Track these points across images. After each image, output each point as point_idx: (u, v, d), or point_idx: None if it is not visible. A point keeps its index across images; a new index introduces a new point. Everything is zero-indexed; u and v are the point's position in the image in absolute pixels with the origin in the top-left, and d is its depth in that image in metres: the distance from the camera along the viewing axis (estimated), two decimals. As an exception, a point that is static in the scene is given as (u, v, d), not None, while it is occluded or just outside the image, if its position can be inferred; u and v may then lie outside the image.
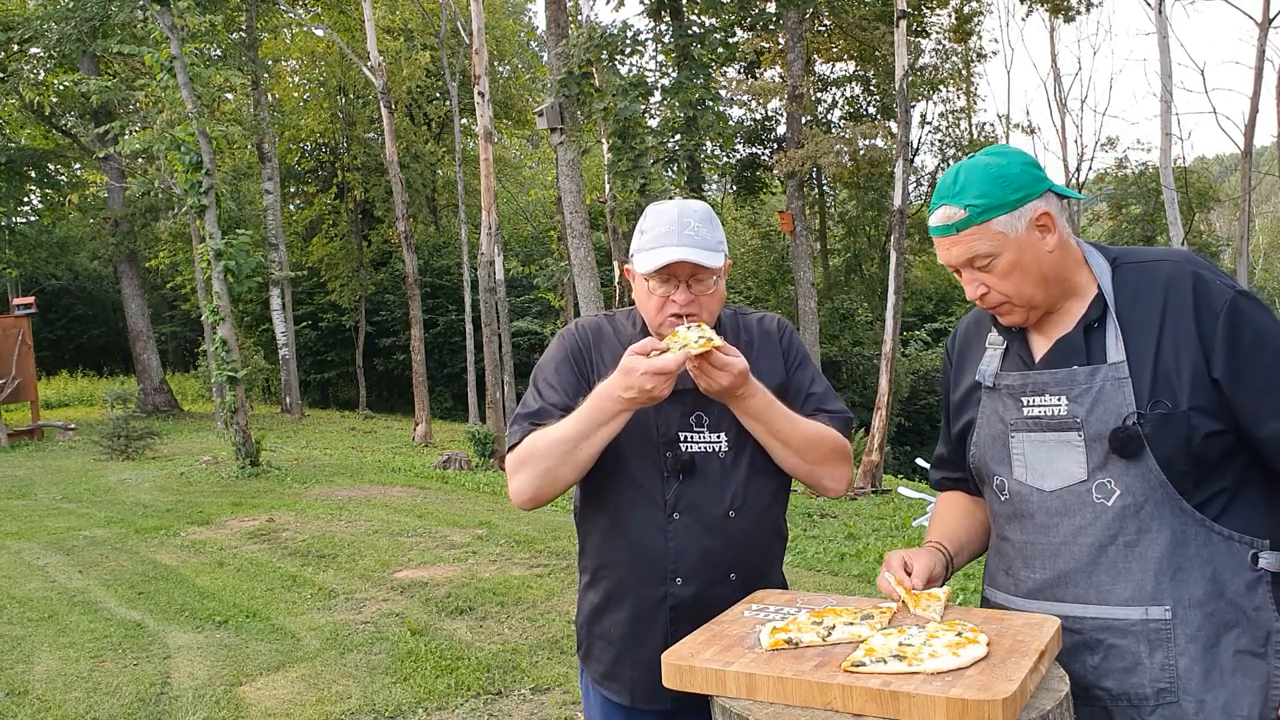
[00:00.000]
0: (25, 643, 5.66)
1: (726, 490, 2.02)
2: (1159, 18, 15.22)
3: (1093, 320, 1.78)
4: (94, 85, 15.64)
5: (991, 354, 1.91)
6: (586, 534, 2.15)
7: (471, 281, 20.89)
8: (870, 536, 8.48)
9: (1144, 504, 1.71)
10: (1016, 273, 1.75)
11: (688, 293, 1.99)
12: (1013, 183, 1.74)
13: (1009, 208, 1.73)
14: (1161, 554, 1.71)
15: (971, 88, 26.92)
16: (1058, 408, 1.77)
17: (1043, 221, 1.75)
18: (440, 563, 7.22)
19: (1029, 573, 1.84)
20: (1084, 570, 1.76)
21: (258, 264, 12.79)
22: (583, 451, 1.93)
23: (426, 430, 17.83)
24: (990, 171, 1.75)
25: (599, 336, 2.13)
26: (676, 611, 2.00)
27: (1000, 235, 1.74)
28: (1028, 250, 1.75)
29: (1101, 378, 1.74)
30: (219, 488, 11.39)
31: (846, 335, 24.64)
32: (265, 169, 23.07)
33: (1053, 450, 1.78)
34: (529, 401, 2.09)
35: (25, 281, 28.70)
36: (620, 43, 12.72)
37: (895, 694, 1.43)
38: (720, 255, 2.01)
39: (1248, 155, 18.04)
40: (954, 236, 1.77)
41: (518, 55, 31.53)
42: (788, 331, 2.21)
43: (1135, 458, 1.70)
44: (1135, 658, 1.72)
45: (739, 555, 2.03)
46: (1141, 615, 1.72)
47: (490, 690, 4.66)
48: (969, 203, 1.74)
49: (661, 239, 1.98)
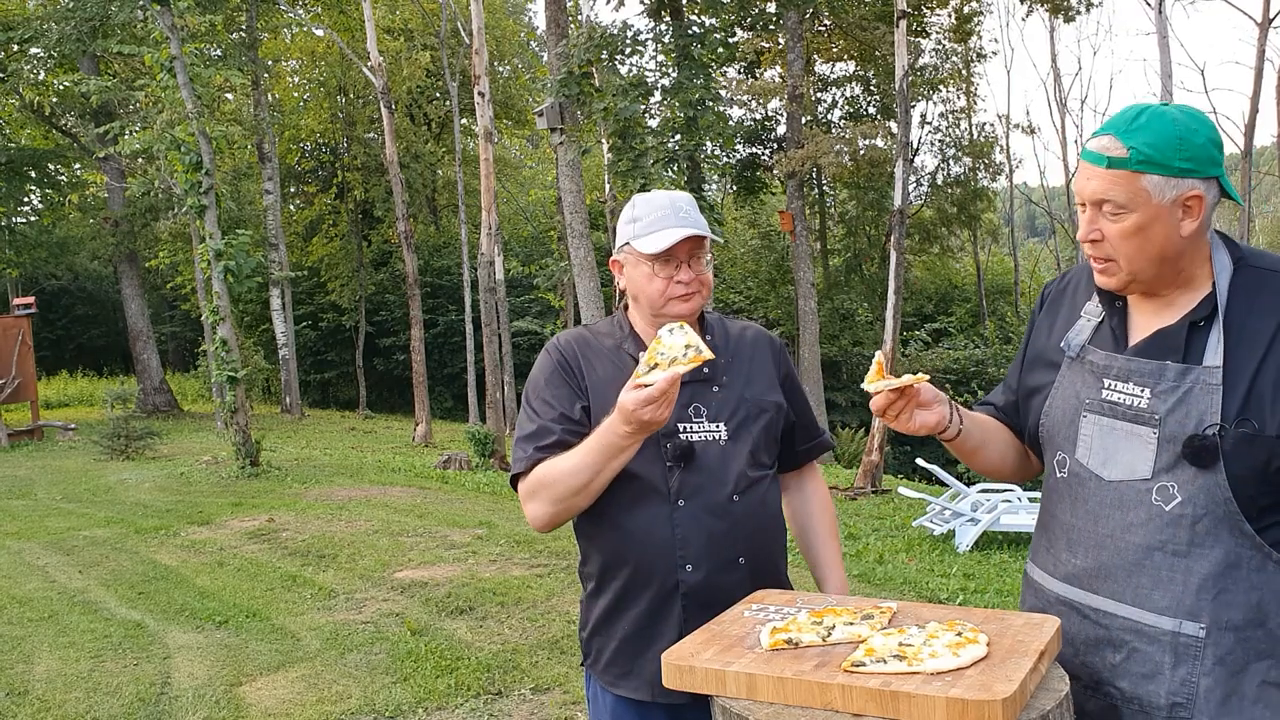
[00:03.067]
0: (25, 643, 5.67)
1: (728, 475, 2.05)
2: (1159, 18, 15.23)
3: (1199, 319, 1.67)
4: (94, 85, 15.65)
5: (1084, 324, 1.82)
6: (590, 538, 2.15)
7: (471, 281, 20.89)
8: (870, 536, 8.49)
9: (1203, 517, 1.63)
10: (1138, 238, 1.64)
11: (689, 271, 2.07)
12: (1189, 151, 1.61)
13: (1170, 173, 1.61)
14: (1209, 571, 1.64)
15: (971, 88, 26.91)
16: (1139, 399, 1.69)
17: (1190, 203, 1.63)
18: (440, 563, 7.22)
19: (1070, 557, 1.78)
20: (1126, 568, 1.70)
21: (258, 264, 12.79)
22: (596, 484, 1.97)
23: (426, 430, 17.84)
24: (1173, 128, 1.62)
25: (584, 345, 2.16)
26: (689, 599, 2.02)
27: (1144, 193, 1.61)
28: (1161, 223, 1.63)
29: (1192, 379, 1.65)
30: (219, 488, 11.39)
31: (846, 335, 24.64)
32: (265, 169, 23.07)
33: (1121, 440, 1.71)
34: (525, 423, 2.11)
35: (25, 281, 28.72)
36: (620, 43, 12.73)
37: (895, 694, 1.43)
38: (711, 232, 2.12)
39: (1248, 155, 18.05)
40: (1101, 169, 1.64)
41: (518, 55, 31.52)
42: (780, 349, 2.27)
43: (1207, 468, 1.61)
44: (1157, 666, 1.67)
45: (745, 538, 2.06)
46: (1174, 627, 1.66)
47: (490, 690, 4.65)
48: (1135, 145, 1.61)
49: (659, 222, 2.06)
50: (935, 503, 8.77)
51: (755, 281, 26.23)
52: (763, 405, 2.13)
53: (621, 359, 2.12)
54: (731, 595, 1.91)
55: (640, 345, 2.13)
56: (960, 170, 26.18)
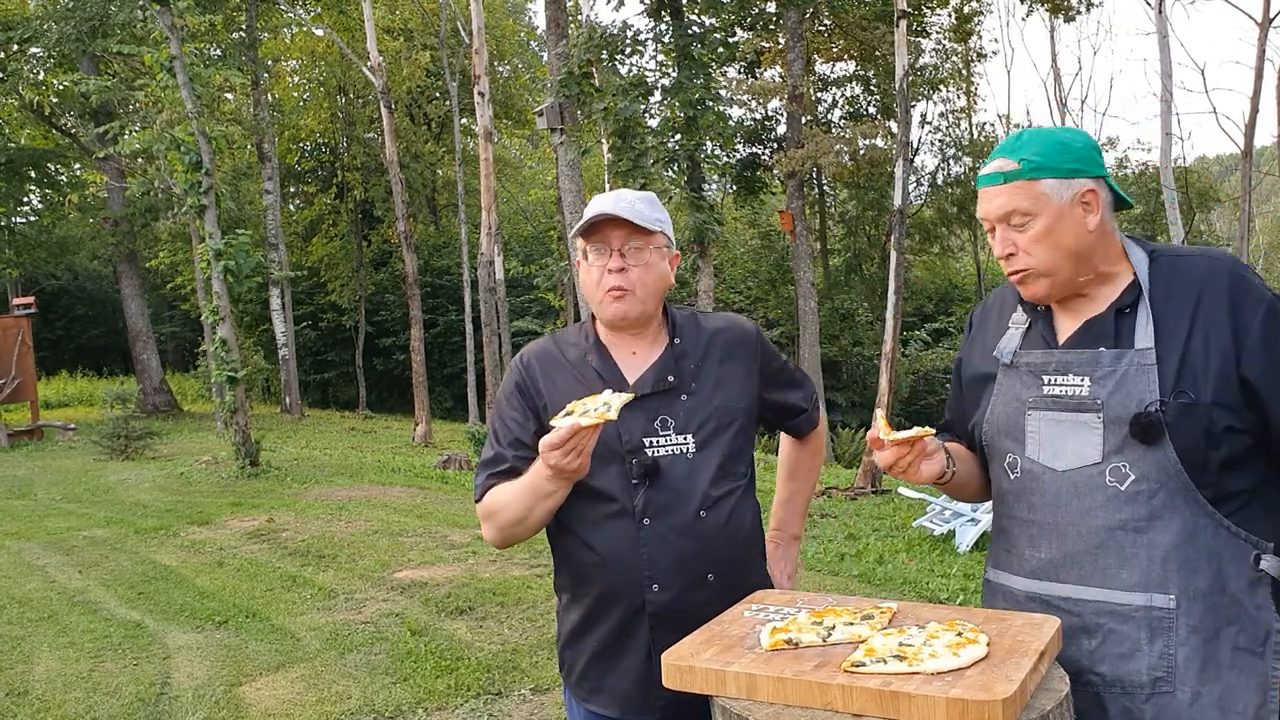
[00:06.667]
0: (25, 643, 5.66)
1: (695, 491, 1.99)
2: (1159, 18, 15.22)
3: (1125, 305, 1.78)
4: (94, 85, 15.66)
5: (1013, 333, 1.91)
6: (559, 553, 2.13)
7: (471, 281, 20.90)
8: (870, 536, 8.48)
9: (1158, 491, 1.71)
10: (1049, 240, 1.76)
11: (620, 260, 2.00)
12: (1073, 153, 1.77)
13: (1061, 174, 1.75)
14: (1171, 542, 1.71)
15: (971, 88, 26.90)
16: (1079, 388, 1.77)
17: (1088, 199, 1.77)
18: (440, 563, 7.22)
19: (1034, 552, 1.83)
20: (1090, 552, 1.76)
21: (258, 264, 12.78)
22: (531, 520, 1.98)
23: (426, 430, 17.84)
24: (1054, 137, 1.79)
25: (546, 362, 2.12)
26: (657, 619, 1.97)
27: (1044, 197, 1.75)
28: (1066, 221, 1.75)
29: (1127, 362, 1.74)
30: (219, 488, 11.39)
31: (846, 335, 24.63)
32: (265, 169, 23.07)
33: (1068, 430, 1.78)
34: (486, 448, 2.12)
35: (25, 281, 28.71)
36: (620, 43, 12.73)
37: (895, 694, 1.43)
38: (655, 226, 2.03)
39: (1248, 155, 18.03)
40: (1000, 187, 1.78)
41: (518, 55, 31.53)
42: (757, 340, 2.18)
43: (1154, 444, 1.70)
44: (1134, 644, 1.72)
45: (714, 556, 2.00)
46: (1145, 602, 1.71)
47: (490, 690, 4.65)
48: (1025, 157, 1.76)
49: (596, 207, 2.03)
50: (935, 503, 8.77)
51: (755, 281, 26.22)
52: (733, 413, 2.06)
53: (585, 372, 2.07)
54: (701, 613, 1.85)
55: (603, 355, 2.08)
56: (960, 170, 26.17)
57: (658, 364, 2.07)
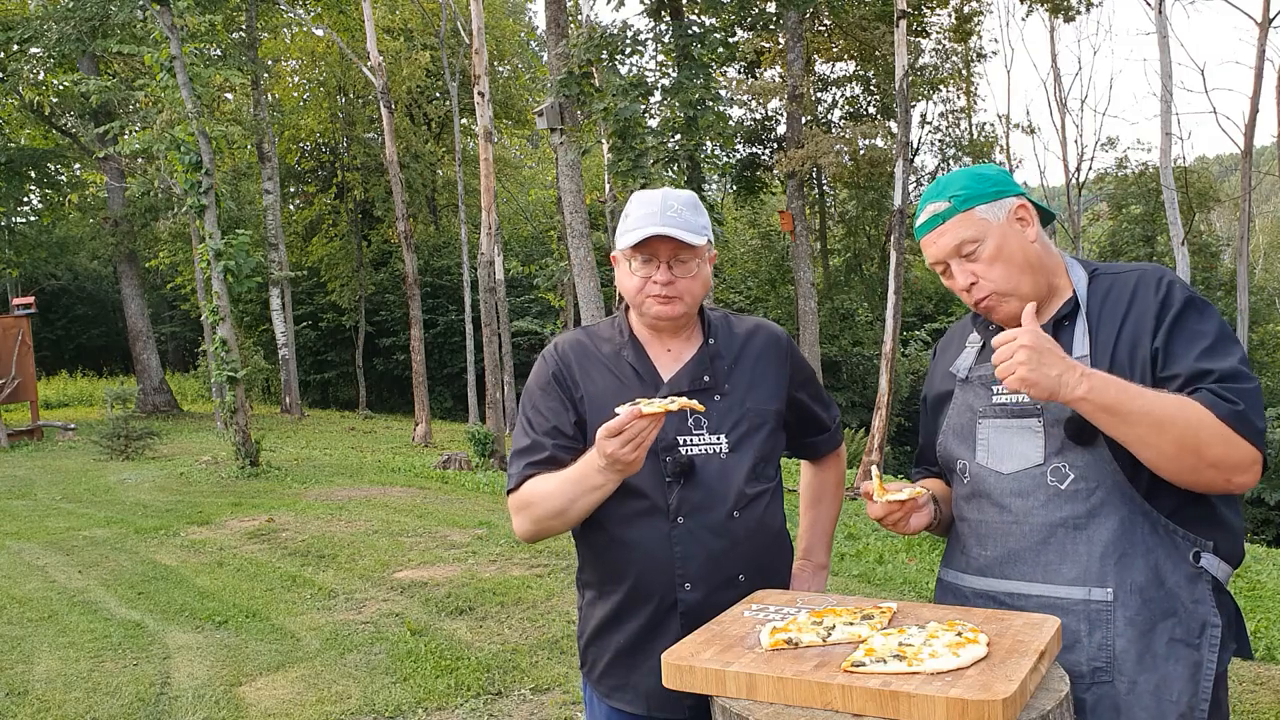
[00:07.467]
0: (25, 643, 5.67)
1: (729, 491, 2.00)
2: (1159, 18, 15.23)
3: (1063, 317, 1.88)
4: (94, 85, 15.65)
5: (969, 351, 2.02)
6: (588, 548, 2.12)
7: (471, 281, 20.91)
8: (870, 536, 8.48)
9: (1095, 489, 1.80)
10: (1002, 259, 1.85)
11: (669, 273, 2.00)
12: (990, 179, 1.91)
13: (989, 198, 1.88)
14: (1109, 538, 1.79)
15: (971, 88, 26.91)
16: (1023, 395, 1.84)
17: (1021, 214, 1.88)
18: (440, 563, 7.22)
19: (981, 550, 1.92)
20: (1033, 549, 1.85)
21: (257, 264, 12.78)
22: (572, 513, 1.95)
23: (426, 430, 17.84)
24: (968, 171, 1.93)
25: (580, 353, 2.10)
26: (687, 618, 1.97)
27: (983, 221, 1.86)
28: (1010, 237, 1.86)
29: None
30: (219, 488, 11.39)
31: (846, 335, 24.64)
32: (265, 169, 23.08)
33: (1014, 435, 1.88)
34: (520, 435, 2.09)
35: (25, 281, 28.73)
36: (620, 43, 12.72)
37: (895, 694, 1.43)
38: (702, 238, 2.01)
39: (1248, 155, 18.04)
40: (941, 227, 1.89)
41: (518, 55, 31.54)
42: (788, 346, 2.19)
43: (1089, 444, 1.79)
44: (1075, 636, 1.79)
45: (745, 556, 2.01)
46: (1084, 595, 1.79)
47: (490, 690, 4.66)
48: (953, 194, 1.89)
49: (644, 220, 2.00)
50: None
51: (755, 281, 26.24)
52: (764, 415, 2.07)
53: (621, 367, 2.07)
54: None
55: (639, 351, 2.08)
56: (960, 170, 26.18)
57: (692, 363, 2.07)
